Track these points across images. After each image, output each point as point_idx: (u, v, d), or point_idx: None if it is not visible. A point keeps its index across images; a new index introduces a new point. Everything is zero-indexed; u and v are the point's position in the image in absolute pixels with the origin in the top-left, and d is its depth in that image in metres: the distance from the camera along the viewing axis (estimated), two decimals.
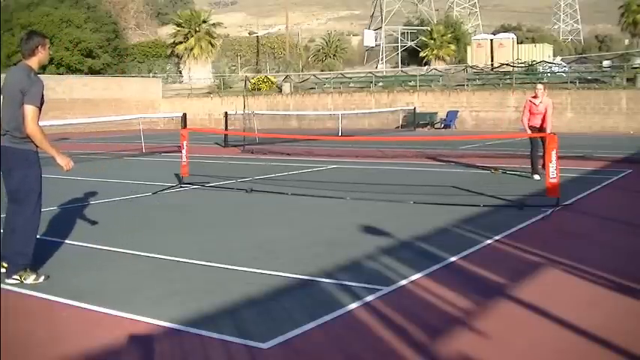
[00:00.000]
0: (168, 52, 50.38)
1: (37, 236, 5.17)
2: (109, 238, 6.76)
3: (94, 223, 7.60)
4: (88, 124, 28.02)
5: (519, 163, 12.85)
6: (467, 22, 73.47)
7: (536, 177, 11.18)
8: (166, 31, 59.78)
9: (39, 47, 5.21)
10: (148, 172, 13.47)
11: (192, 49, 47.46)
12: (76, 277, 5.31)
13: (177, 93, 42.48)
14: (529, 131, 11.47)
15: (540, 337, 3.93)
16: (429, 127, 31.24)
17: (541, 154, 10.93)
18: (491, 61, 42.63)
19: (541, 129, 11.36)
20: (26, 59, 5.22)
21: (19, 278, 5.09)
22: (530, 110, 11.49)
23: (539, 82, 11.61)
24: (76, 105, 34.10)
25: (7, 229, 5.21)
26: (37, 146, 5.22)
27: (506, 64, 36.94)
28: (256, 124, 24.51)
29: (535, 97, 11.48)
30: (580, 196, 9.41)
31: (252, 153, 18.04)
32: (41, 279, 5.16)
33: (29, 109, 5.06)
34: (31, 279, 5.11)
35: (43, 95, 5.22)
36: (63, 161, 5.32)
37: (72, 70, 44.36)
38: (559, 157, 8.44)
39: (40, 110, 5.18)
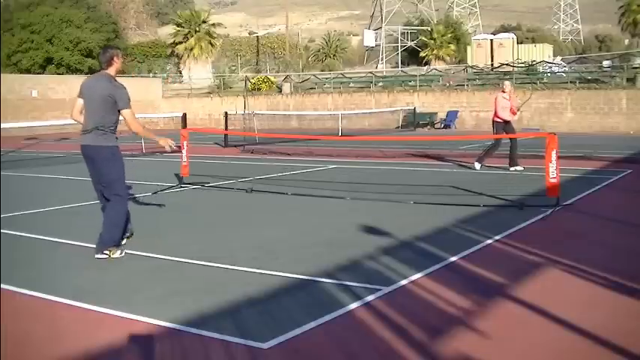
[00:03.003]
0: (169, 52, 50.36)
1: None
2: None
3: (94, 223, 7.58)
4: None
5: (520, 162, 12.85)
6: (467, 22, 73.46)
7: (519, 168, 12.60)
8: (166, 31, 59.81)
9: (114, 58, 6.04)
10: (148, 172, 13.47)
11: (192, 49, 47.43)
12: (77, 277, 5.31)
13: (177, 93, 42.44)
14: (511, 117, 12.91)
15: (540, 337, 3.93)
16: (429, 127, 31.24)
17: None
18: (491, 61, 42.61)
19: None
20: (105, 69, 6.07)
21: (108, 253, 5.88)
22: (503, 105, 12.80)
23: (507, 80, 13.53)
24: None
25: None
26: (117, 139, 6.06)
27: (506, 64, 36.93)
28: (256, 124, 24.51)
29: (504, 92, 12.89)
30: (580, 196, 9.41)
31: (252, 153, 18.05)
32: (123, 253, 5.97)
33: (128, 113, 5.93)
34: (117, 254, 5.92)
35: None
36: (165, 142, 6.25)
37: (72, 70, 44.33)
38: (559, 157, 8.44)
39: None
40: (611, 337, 3.86)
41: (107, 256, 5.85)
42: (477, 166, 12.80)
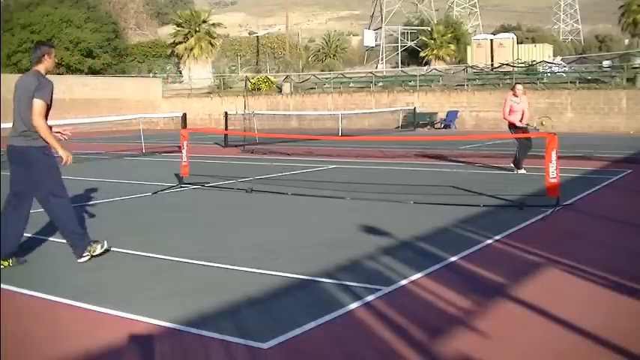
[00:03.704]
0: (169, 52, 50.37)
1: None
2: (109, 238, 6.73)
3: (94, 223, 7.59)
4: (88, 124, 28.05)
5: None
6: (467, 22, 73.44)
7: (522, 171, 12.26)
8: (166, 31, 59.83)
9: (45, 56, 5.68)
10: (148, 172, 13.47)
11: (192, 49, 47.43)
12: (76, 277, 5.31)
13: (177, 93, 42.47)
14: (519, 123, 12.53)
15: (540, 337, 3.93)
16: (429, 127, 31.24)
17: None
18: (491, 61, 42.60)
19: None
20: (34, 66, 5.70)
21: (88, 253, 5.74)
22: (511, 108, 12.43)
23: (518, 83, 13.36)
24: (76, 105, 34.08)
25: (55, 220, 5.82)
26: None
27: (506, 64, 36.93)
28: (256, 124, 24.52)
29: (516, 96, 12.45)
30: (580, 196, 9.41)
31: (252, 153, 18.05)
32: (106, 245, 5.86)
33: (37, 103, 5.47)
34: (98, 249, 5.80)
35: (52, 96, 5.61)
36: (64, 154, 5.65)
37: (72, 70, 44.34)
38: (559, 157, 8.44)
39: (48, 108, 5.58)
40: (611, 337, 3.86)
41: (89, 256, 5.73)
42: (522, 170, 12.29)
